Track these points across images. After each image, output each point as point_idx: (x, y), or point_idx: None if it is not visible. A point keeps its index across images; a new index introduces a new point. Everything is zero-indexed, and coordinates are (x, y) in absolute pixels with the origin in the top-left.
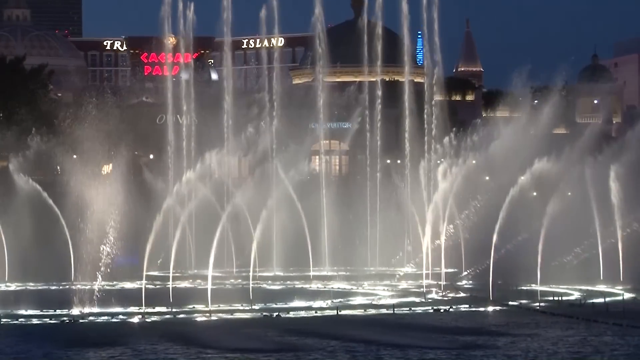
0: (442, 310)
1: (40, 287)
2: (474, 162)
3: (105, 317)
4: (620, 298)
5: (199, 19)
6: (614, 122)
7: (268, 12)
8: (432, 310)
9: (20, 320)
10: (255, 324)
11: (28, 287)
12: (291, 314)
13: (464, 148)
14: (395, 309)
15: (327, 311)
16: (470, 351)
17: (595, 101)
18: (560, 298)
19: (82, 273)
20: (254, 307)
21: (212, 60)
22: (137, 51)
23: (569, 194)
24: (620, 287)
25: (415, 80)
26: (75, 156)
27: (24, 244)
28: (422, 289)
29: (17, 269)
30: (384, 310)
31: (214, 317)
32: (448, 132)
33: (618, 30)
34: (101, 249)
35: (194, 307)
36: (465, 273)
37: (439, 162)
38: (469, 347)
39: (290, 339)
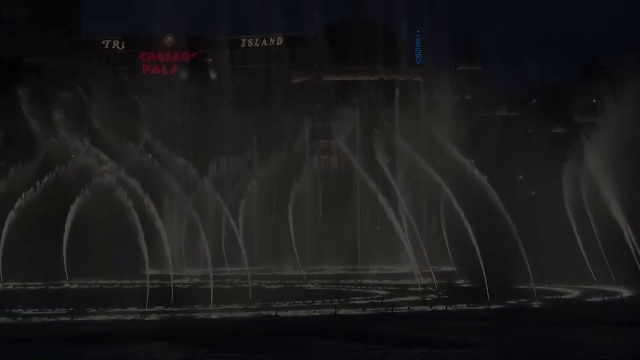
0: (440, 310)
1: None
2: (472, 161)
3: (104, 316)
4: (618, 297)
5: (198, 19)
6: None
7: (267, 12)
8: (430, 310)
9: (18, 319)
10: (253, 323)
11: (27, 287)
12: (289, 313)
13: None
14: (393, 309)
15: (326, 310)
16: (471, 350)
17: (595, 100)
18: (558, 297)
19: (80, 271)
20: (252, 306)
21: (210, 60)
22: (135, 50)
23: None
24: (617, 287)
25: (413, 80)
26: (73, 155)
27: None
28: (420, 288)
29: (15, 268)
30: (382, 310)
31: (212, 316)
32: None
33: (618, 29)
34: (100, 248)
35: (192, 306)
36: (463, 272)
37: (436, 161)
38: (470, 346)
39: (289, 338)
